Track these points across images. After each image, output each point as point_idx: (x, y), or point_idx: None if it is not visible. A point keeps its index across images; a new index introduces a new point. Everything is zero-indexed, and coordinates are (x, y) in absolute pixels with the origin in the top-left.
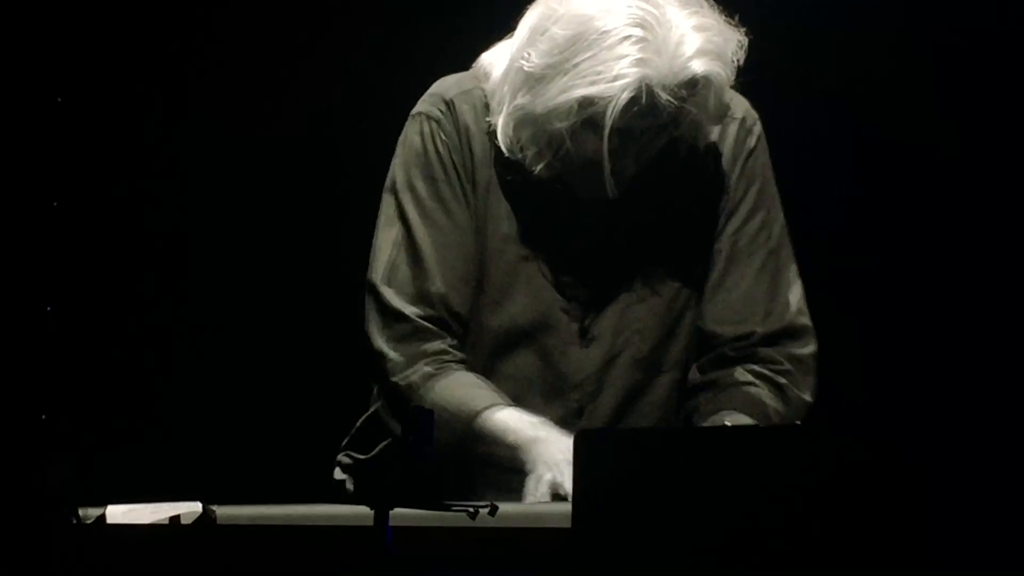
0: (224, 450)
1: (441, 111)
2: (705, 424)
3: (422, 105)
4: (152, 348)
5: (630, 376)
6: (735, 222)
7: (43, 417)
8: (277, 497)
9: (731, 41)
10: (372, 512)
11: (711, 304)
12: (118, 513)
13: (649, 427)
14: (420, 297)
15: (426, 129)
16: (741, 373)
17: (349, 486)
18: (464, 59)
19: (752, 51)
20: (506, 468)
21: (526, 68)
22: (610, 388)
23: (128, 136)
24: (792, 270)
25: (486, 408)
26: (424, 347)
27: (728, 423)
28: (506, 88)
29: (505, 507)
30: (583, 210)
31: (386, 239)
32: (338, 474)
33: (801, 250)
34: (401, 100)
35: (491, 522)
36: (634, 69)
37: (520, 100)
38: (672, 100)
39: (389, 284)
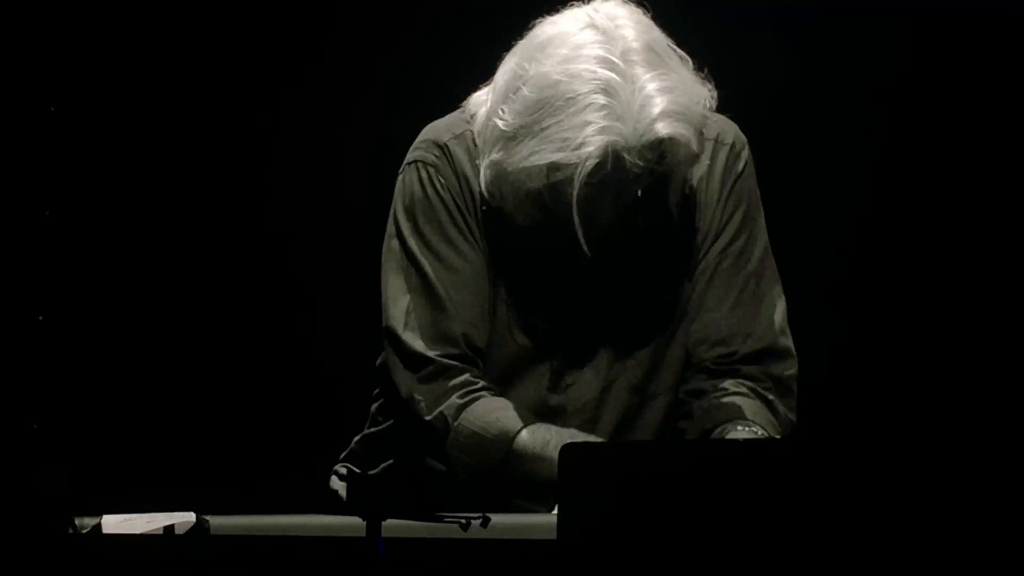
0: (218, 461)
1: (436, 156)
2: (724, 431)
3: (416, 152)
4: (146, 358)
5: (626, 401)
6: (720, 244)
7: (35, 427)
8: (271, 507)
9: (698, 98)
10: (364, 523)
11: (695, 324)
12: (113, 523)
13: (633, 440)
14: (442, 338)
15: (424, 175)
16: (733, 384)
17: (344, 495)
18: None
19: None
20: (549, 483)
21: (500, 126)
22: (608, 414)
23: (121, 145)
24: (776, 291)
25: (524, 427)
26: (450, 383)
27: (741, 427)
28: (485, 141)
29: (497, 519)
30: (575, 240)
31: (399, 286)
32: (334, 483)
33: (796, 254)
34: (403, 107)
35: (483, 533)
36: (598, 137)
37: (495, 156)
38: (638, 162)
39: (410, 329)
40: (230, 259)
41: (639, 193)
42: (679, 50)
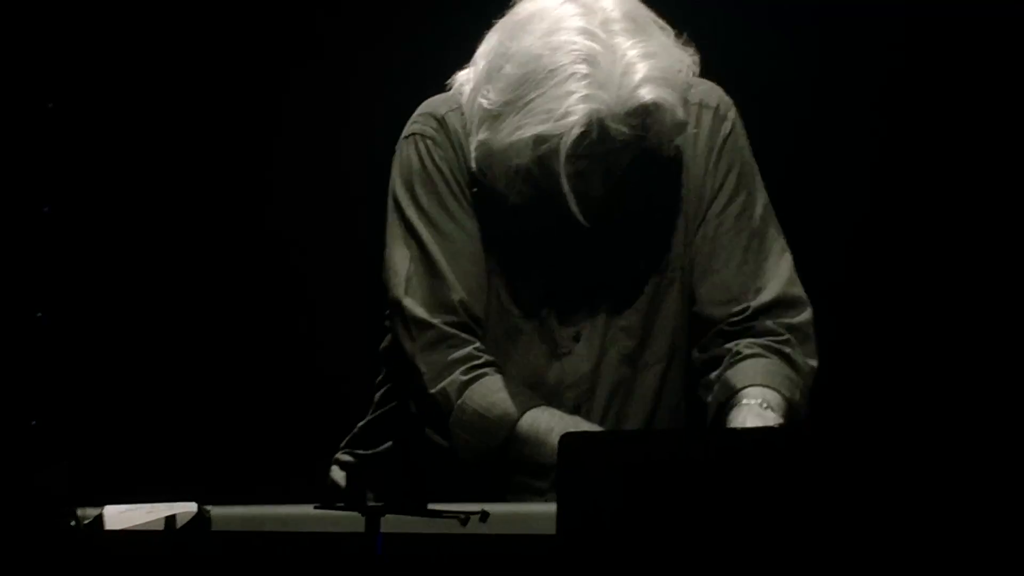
0: (219, 451)
1: (434, 128)
2: (732, 404)
3: (414, 125)
4: (146, 352)
5: (619, 372)
6: (717, 206)
7: (33, 423)
8: (271, 498)
9: (680, 63)
10: (363, 518)
11: (702, 288)
12: (115, 513)
13: (634, 429)
14: (442, 306)
15: (422, 147)
16: (746, 346)
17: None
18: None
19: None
20: (547, 469)
21: (485, 105)
22: (602, 385)
23: (119, 140)
24: (780, 244)
25: (526, 410)
26: (454, 354)
27: (754, 403)
28: (471, 121)
29: (496, 513)
30: (567, 215)
31: (400, 256)
32: (335, 472)
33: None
34: (399, 100)
35: (482, 528)
36: (582, 105)
37: (482, 136)
38: (623, 129)
39: (410, 296)
40: (229, 253)
41: (628, 165)
42: (659, 20)
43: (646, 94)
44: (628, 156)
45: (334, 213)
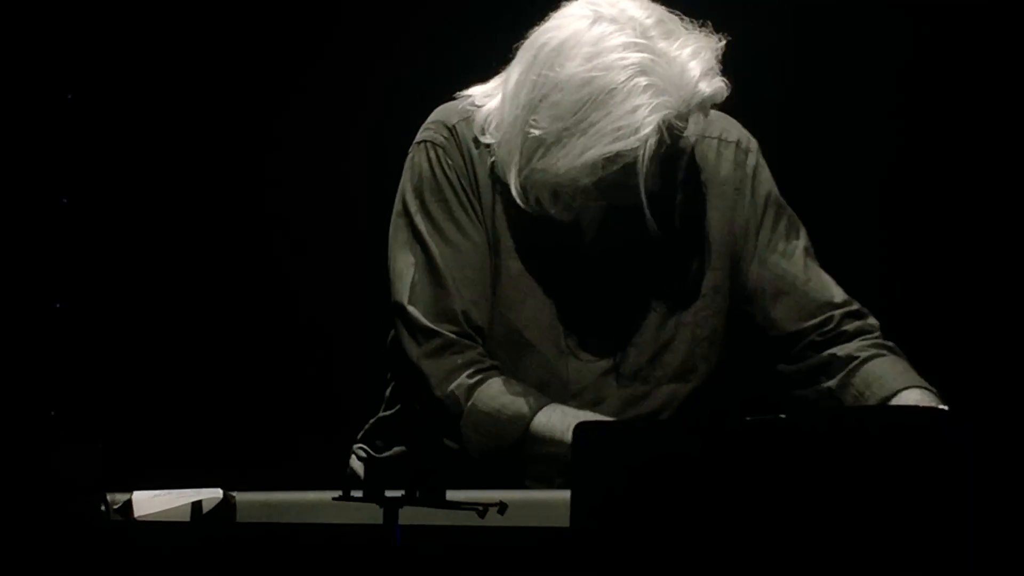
0: (243, 439)
1: (445, 137)
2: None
3: (426, 132)
4: (167, 345)
5: (628, 387)
6: (764, 236)
7: (52, 413)
8: (294, 484)
9: (717, 52)
10: (382, 510)
11: (777, 310)
12: (144, 499)
13: (649, 421)
14: (444, 315)
15: (432, 155)
16: (859, 349)
17: (362, 476)
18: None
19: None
20: (564, 464)
21: (537, 134)
22: (609, 398)
23: (138, 132)
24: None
25: (540, 409)
26: (459, 359)
27: (917, 401)
28: (518, 153)
29: (515, 505)
30: (583, 227)
31: (405, 262)
32: (353, 462)
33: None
34: (409, 105)
35: (500, 520)
36: (652, 116)
37: (537, 164)
38: (688, 125)
39: (414, 304)
40: (251, 243)
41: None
42: (679, 16)
43: (706, 88)
44: (684, 158)
45: (352, 206)
